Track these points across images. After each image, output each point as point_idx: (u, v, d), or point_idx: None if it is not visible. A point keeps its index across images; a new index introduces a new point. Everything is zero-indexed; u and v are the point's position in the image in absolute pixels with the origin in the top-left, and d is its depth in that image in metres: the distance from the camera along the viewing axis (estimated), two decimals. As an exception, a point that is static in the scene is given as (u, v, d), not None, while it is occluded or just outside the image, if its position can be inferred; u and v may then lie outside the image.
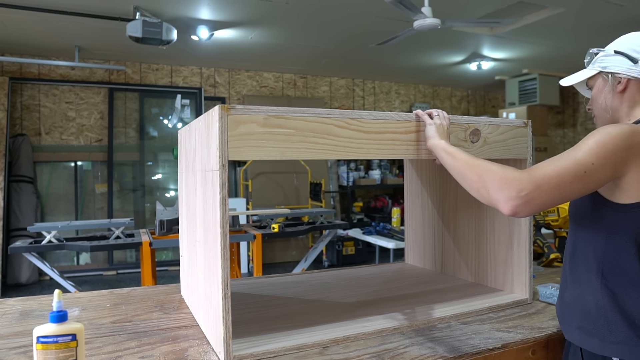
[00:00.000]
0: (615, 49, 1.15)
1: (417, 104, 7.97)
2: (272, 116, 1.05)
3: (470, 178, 1.05)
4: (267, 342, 1.13)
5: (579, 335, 1.07)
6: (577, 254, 1.12)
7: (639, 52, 1.12)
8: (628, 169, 0.98)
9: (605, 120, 1.18)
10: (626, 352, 0.99)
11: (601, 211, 1.05)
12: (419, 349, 1.11)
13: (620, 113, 1.15)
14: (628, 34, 1.17)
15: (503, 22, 3.88)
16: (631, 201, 1.00)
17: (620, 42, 1.17)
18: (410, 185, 2.06)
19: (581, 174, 0.95)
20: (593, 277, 1.06)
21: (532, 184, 0.94)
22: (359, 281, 1.76)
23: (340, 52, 5.82)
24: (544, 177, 0.95)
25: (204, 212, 1.17)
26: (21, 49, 5.44)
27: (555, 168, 0.96)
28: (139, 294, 1.62)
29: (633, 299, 1.00)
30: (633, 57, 1.11)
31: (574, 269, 1.12)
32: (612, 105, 1.16)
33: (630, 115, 1.13)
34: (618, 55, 1.14)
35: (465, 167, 1.07)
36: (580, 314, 1.08)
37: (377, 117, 1.18)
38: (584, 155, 0.96)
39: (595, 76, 1.20)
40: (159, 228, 3.19)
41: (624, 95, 1.14)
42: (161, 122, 6.42)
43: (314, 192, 6.44)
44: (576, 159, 0.96)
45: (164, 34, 4.15)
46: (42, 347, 0.88)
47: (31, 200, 5.59)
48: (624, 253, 1.01)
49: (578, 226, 1.13)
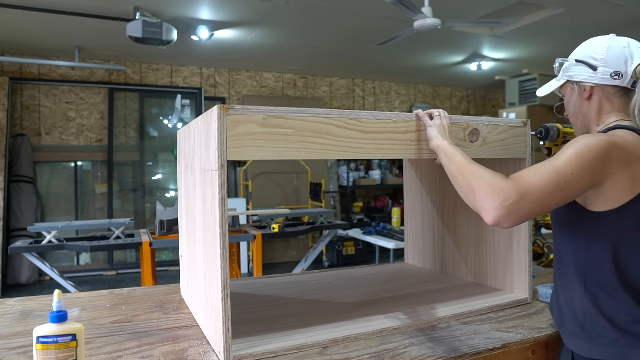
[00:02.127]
0: (576, 58, 1.18)
1: (417, 104, 7.97)
2: (270, 116, 1.05)
3: (460, 183, 1.05)
4: (267, 342, 1.13)
5: (572, 339, 1.09)
6: (562, 260, 1.15)
7: (597, 59, 1.14)
8: (605, 178, 1.00)
9: (577, 126, 1.22)
10: (613, 353, 1.01)
11: (580, 219, 1.07)
12: (419, 348, 1.11)
13: (590, 118, 1.18)
14: (587, 41, 1.19)
15: (503, 22, 3.88)
16: (607, 208, 1.02)
17: (580, 50, 1.19)
18: (410, 185, 2.06)
19: (562, 185, 0.96)
20: (576, 283, 1.09)
21: (516, 194, 0.94)
22: (358, 281, 1.76)
23: (340, 52, 5.82)
24: (528, 188, 0.95)
25: (203, 212, 1.17)
26: (21, 49, 5.44)
27: (539, 179, 0.96)
28: (138, 294, 1.63)
29: (615, 302, 1.02)
30: (592, 65, 1.14)
31: (562, 275, 1.15)
32: (581, 112, 1.19)
33: (600, 121, 1.16)
34: (579, 64, 1.17)
35: (457, 171, 1.07)
36: (570, 317, 1.10)
37: (376, 117, 1.18)
38: (563, 165, 0.97)
39: (564, 85, 1.23)
40: (159, 228, 3.19)
41: (590, 102, 1.16)
42: (161, 122, 6.42)
43: (314, 192, 6.44)
44: (557, 169, 0.97)
45: (164, 34, 4.16)
46: (42, 347, 0.88)
47: (31, 200, 5.59)
48: (603, 259, 1.04)
49: (559, 234, 1.15)
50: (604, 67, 1.12)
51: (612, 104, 1.14)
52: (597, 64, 1.13)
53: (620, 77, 1.11)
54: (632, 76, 1.11)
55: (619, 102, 1.14)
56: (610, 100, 1.15)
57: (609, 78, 1.12)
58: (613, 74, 1.12)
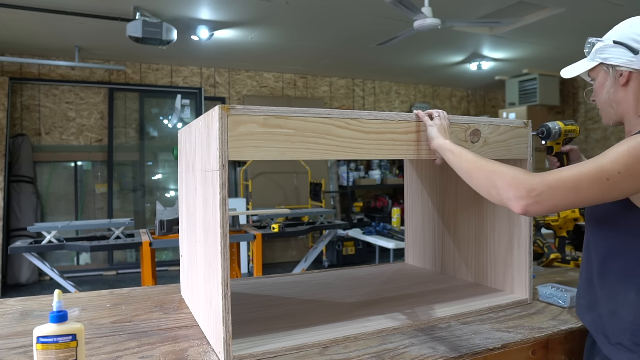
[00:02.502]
0: (614, 39, 1.08)
1: (417, 104, 7.97)
2: (272, 116, 1.05)
3: (478, 178, 1.05)
4: (267, 342, 1.13)
5: (618, 352, 1.03)
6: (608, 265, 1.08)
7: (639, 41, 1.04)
8: None
9: (609, 115, 1.13)
10: None
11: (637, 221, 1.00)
12: (419, 349, 1.11)
13: (626, 107, 1.09)
14: (627, 20, 1.10)
15: (503, 22, 3.88)
16: None
17: (619, 30, 1.09)
18: (410, 185, 2.06)
19: (602, 181, 0.92)
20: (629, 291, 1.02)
21: (544, 185, 0.93)
22: (359, 281, 1.76)
23: (340, 52, 5.82)
24: (558, 180, 0.94)
25: (204, 212, 1.17)
26: (21, 49, 5.44)
27: (574, 172, 0.94)
28: (139, 294, 1.62)
29: None
30: (633, 48, 1.04)
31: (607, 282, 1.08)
32: (616, 99, 1.09)
33: (637, 111, 1.07)
34: (618, 46, 1.07)
35: (474, 168, 1.07)
36: (617, 329, 1.04)
37: (377, 117, 1.18)
38: (610, 163, 0.93)
39: (596, 67, 1.13)
40: (159, 228, 3.19)
41: (627, 88, 1.07)
42: (161, 122, 6.42)
43: (314, 192, 6.44)
44: (600, 165, 0.93)
45: (164, 34, 4.16)
46: (42, 347, 0.88)
47: (31, 200, 5.59)
48: None
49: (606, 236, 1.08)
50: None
51: None
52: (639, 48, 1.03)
53: None
54: None
55: None
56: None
57: None
58: None
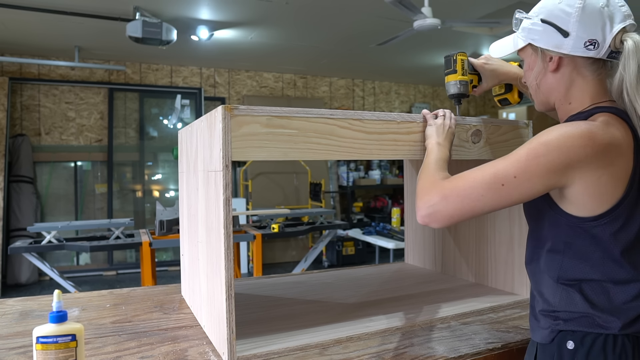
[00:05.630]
0: (542, 17, 0.94)
1: (417, 104, 7.97)
2: (275, 117, 1.05)
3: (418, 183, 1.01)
4: (271, 342, 1.13)
5: None
6: None
7: (569, 22, 0.90)
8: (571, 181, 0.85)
9: (538, 100, 1.03)
10: None
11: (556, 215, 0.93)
12: (419, 349, 1.11)
13: (556, 95, 0.98)
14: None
15: (503, 22, 3.88)
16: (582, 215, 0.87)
17: (547, 4, 0.94)
18: (410, 185, 2.06)
19: (497, 187, 0.86)
20: None
21: (439, 195, 0.89)
22: (359, 281, 1.76)
23: (340, 52, 5.82)
24: (453, 188, 0.89)
25: (206, 213, 1.17)
26: (21, 49, 5.43)
27: (469, 179, 0.88)
28: (139, 294, 1.62)
29: None
30: (563, 29, 0.90)
31: None
32: (546, 85, 0.98)
33: (569, 98, 0.96)
34: (546, 26, 0.93)
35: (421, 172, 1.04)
36: None
37: (379, 117, 1.18)
38: (507, 167, 0.86)
39: (524, 48, 1.01)
40: (159, 228, 3.19)
41: (557, 74, 0.96)
42: (161, 122, 6.42)
43: (314, 193, 6.43)
44: (496, 170, 0.87)
45: (164, 34, 4.15)
46: (41, 347, 0.88)
47: (31, 201, 5.58)
48: None
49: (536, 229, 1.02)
50: (577, 32, 0.89)
51: (585, 78, 0.94)
52: (569, 29, 0.90)
53: (596, 46, 0.89)
54: (609, 46, 0.90)
55: (593, 76, 0.94)
56: (582, 74, 0.94)
57: (582, 48, 0.90)
58: (587, 42, 0.89)
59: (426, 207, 0.90)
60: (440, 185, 0.92)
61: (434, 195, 0.90)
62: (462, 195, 0.88)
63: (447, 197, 0.89)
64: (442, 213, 0.89)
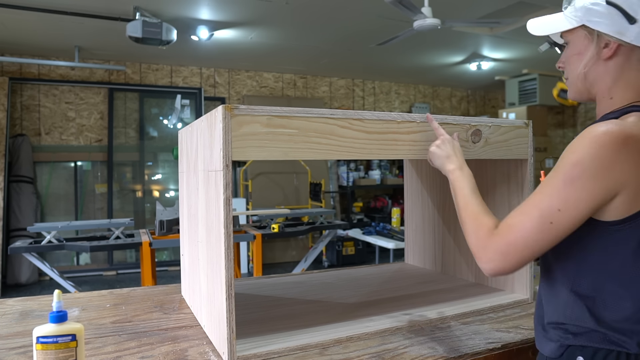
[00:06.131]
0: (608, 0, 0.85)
1: (417, 104, 7.97)
2: (275, 116, 1.05)
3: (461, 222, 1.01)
4: (271, 342, 1.13)
5: None
6: None
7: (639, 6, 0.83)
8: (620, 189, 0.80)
9: (577, 89, 0.95)
10: None
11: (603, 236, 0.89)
12: (419, 349, 1.11)
13: (601, 85, 0.91)
14: None
15: (503, 22, 3.88)
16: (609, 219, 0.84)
17: None
18: (410, 185, 2.06)
19: (548, 227, 0.83)
20: None
21: (498, 254, 0.88)
22: (359, 281, 1.76)
23: (340, 52, 5.82)
24: (509, 245, 0.86)
25: (206, 213, 1.17)
26: (21, 49, 5.43)
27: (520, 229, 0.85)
28: (139, 294, 1.62)
29: None
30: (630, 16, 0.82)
31: None
32: (593, 74, 0.91)
33: (613, 92, 0.89)
34: (611, 8, 0.84)
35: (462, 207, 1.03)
36: None
37: (380, 117, 1.18)
38: (550, 203, 0.82)
39: (575, 30, 0.91)
40: (159, 228, 3.19)
41: (608, 63, 0.88)
42: (161, 122, 6.42)
43: (314, 193, 6.43)
44: (540, 210, 0.83)
45: (164, 34, 4.15)
46: (41, 347, 0.88)
47: (31, 201, 5.58)
48: None
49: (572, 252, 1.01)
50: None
51: (636, 72, 0.87)
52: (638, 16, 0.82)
53: None
54: None
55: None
56: (634, 67, 0.87)
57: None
58: None
59: (490, 267, 0.89)
60: (495, 242, 0.89)
61: (492, 254, 0.89)
62: (519, 248, 0.86)
63: (507, 254, 0.87)
64: (508, 269, 0.88)
